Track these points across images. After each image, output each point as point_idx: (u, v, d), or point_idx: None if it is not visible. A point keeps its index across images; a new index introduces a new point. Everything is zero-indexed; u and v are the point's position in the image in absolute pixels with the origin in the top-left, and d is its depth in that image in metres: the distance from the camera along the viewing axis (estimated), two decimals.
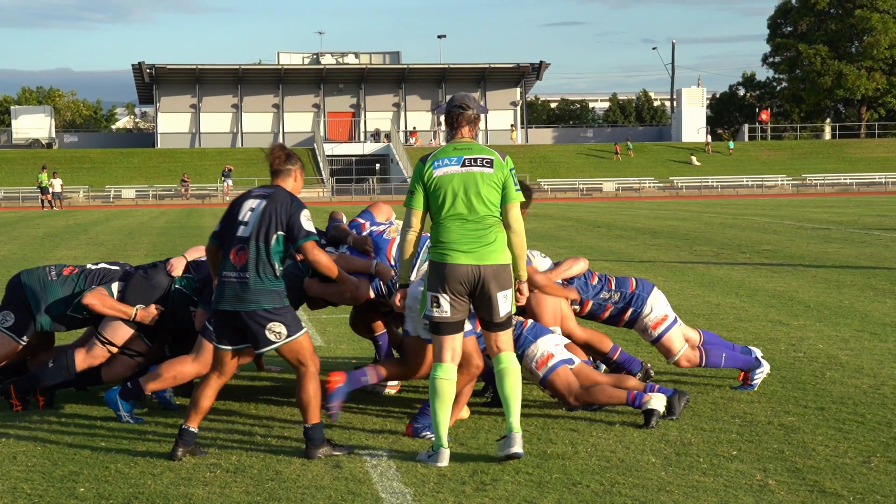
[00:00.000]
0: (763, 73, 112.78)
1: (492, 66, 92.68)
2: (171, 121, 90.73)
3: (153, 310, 8.28)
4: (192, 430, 6.95)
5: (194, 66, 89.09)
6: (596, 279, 8.77)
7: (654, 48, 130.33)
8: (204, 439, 7.36)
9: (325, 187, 76.43)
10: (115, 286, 8.37)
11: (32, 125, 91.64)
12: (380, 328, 9.18)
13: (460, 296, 6.80)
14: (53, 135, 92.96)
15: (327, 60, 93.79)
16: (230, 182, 72.79)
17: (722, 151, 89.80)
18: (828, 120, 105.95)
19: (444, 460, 6.73)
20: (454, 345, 6.91)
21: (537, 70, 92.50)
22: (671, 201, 61.74)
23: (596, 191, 77.17)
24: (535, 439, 7.31)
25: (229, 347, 7.02)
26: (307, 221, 6.95)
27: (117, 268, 8.59)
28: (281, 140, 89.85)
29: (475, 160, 6.84)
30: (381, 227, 8.57)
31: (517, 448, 6.67)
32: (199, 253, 8.59)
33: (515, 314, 7.48)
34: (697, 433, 7.42)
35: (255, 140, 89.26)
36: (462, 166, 6.83)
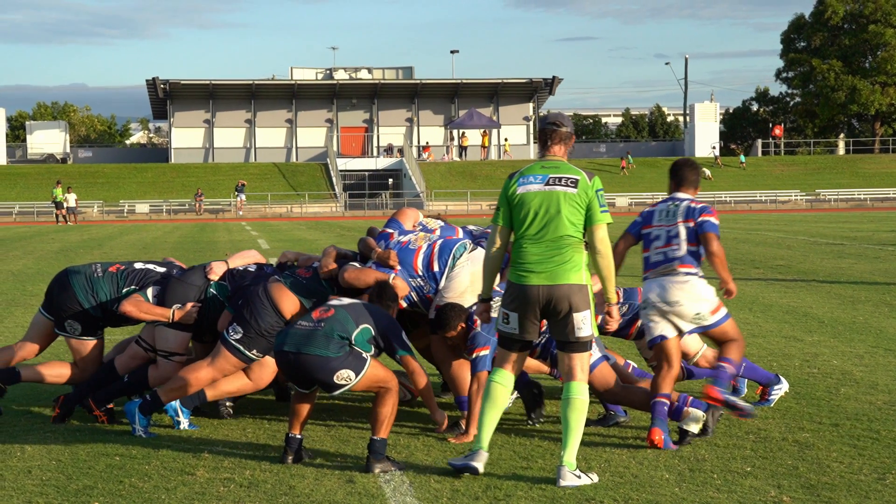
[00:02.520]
0: (776, 89, 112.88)
1: (505, 81, 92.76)
2: (185, 136, 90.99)
3: (190, 307, 8.30)
4: (297, 436, 7.15)
5: (208, 82, 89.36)
6: None
7: (666, 63, 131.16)
8: (217, 454, 7.38)
9: (338, 202, 76.51)
10: (150, 291, 8.42)
11: (47, 140, 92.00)
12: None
13: (531, 317, 6.73)
14: (68, 150, 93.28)
15: (340, 76, 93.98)
16: (243, 197, 72.91)
17: (733, 165, 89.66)
18: (841, 135, 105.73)
19: (480, 463, 6.69)
20: (516, 360, 6.88)
21: (550, 85, 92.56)
22: None
23: (609, 205, 77.11)
24: (549, 454, 7.31)
25: (307, 391, 7.23)
26: (404, 337, 7.39)
27: (162, 269, 8.66)
28: (294, 155, 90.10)
29: (559, 179, 6.75)
30: (407, 238, 8.45)
31: (564, 482, 6.51)
32: (243, 260, 8.63)
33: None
34: (711, 449, 7.40)
35: (269, 155, 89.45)
36: (546, 185, 6.75)
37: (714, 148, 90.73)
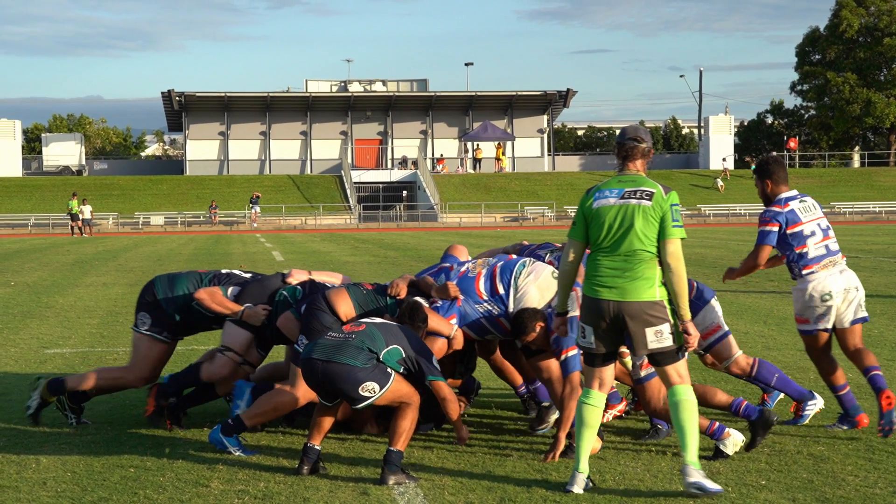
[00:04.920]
0: (791, 101, 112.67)
1: (519, 93, 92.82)
2: (200, 148, 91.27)
3: (260, 309, 8.34)
4: (316, 447, 7.19)
5: (223, 94, 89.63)
6: None
7: (681, 76, 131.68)
8: (231, 466, 7.39)
9: (353, 214, 76.60)
10: (230, 290, 8.55)
11: (63, 152, 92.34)
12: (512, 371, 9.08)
13: (607, 330, 6.71)
14: (83, 162, 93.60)
15: (355, 88, 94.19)
16: (258, 209, 73.05)
17: (746, 176, 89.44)
18: (856, 148, 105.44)
19: (579, 486, 6.65)
20: (602, 375, 6.84)
21: (564, 97, 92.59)
22: (699, 229, 61.58)
23: None
24: (563, 466, 7.30)
25: (330, 404, 7.23)
26: (435, 362, 7.41)
27: (248, 275, 8.81)
28: (309, 167, 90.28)
29: (635, 192, 6.72)
30: (465, 267, 8.40)
31: (694, 478, 6.47)
32: (327, 277, 8.69)
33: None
34: (726, 462, 7.38)
35: (283, 167, 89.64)
36: (621, 199, 6.72)
37: (724, 160, 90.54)
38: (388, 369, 7.17)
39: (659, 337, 6.65)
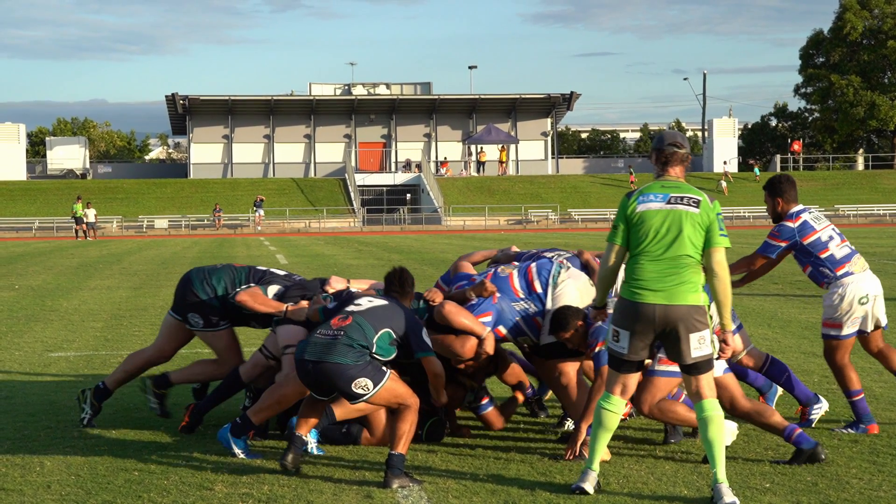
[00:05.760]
0: (795, 104, 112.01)
1: (523, 96, 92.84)
2: (204, 151, 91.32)
3: (304, 304, 8.34)
4: (303, 437, 7.26)
5: (227, 97, 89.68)
6: None
7: (685, 79, 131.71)
8: (235, 469, 7.39)
9: (356, 217, 76.63)
10: (271, 289, 8.59)
11: (67, 156, 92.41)
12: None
13: (644, 336, 6.64)
14: (87, 165, 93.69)
15: (359, 91, 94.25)
16: (262, 212, 73.12)
17: (748, 179, 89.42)
18: (860, 150, 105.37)
19: (590, 483, 6.62)
20: (627, 381, 6.78)
21: (568, 100, 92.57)
22: None
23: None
24: (567, 470, 7.30)
25: (326, 398, 7.29)
26: (426, 338, 7.40)
27: (283, 273, 8.86)
28: (312, 170, 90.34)
29: (681, 198, 6.68)
30: (491, 270, 8.33)
31: (728, 499, 6.38)
32: (365, 285, 8.67)
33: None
34: (730, 465, 7.36)
35: (287, 170, 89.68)
36: (667, 203, 6.68)
37: (726, 164, 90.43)
38: (383, 367, 7.19)
39: (701, 343, 6.61)
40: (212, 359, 9.03)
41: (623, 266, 6.91)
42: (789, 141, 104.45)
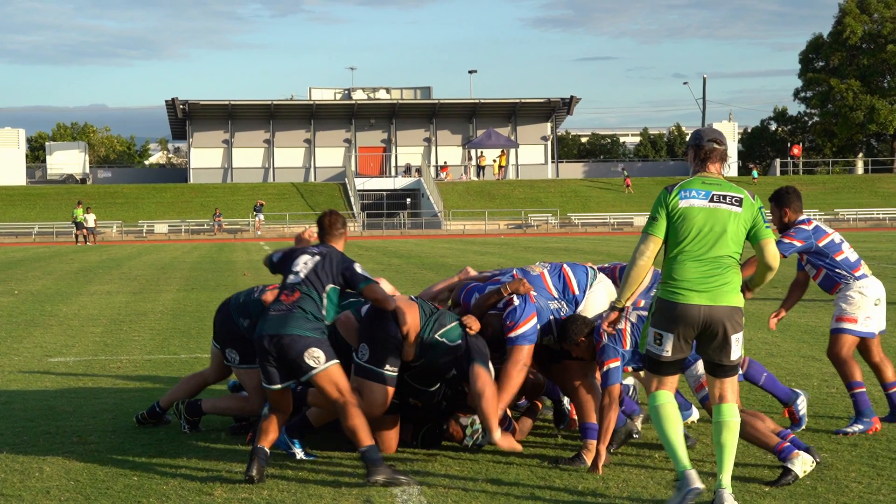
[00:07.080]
0: (795, 108, 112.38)
1: (523, 100, 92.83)
2: (204, 156, 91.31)
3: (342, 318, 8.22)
4: (266, 449, 7.25)
5: (227, 102, 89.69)
6: None
7: (685, 83, 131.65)
8: (234, 474, 7.39)
9: (356, 222, 76.62)
10: None
11: (67, 161, 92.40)
12: None
13: (686, 337, 6.53)
14: (87, 170, 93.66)
15: (359, 96, 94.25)
16: (262, 217, 73.10)
17: (746, 182, 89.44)
18: (860, 154, 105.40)
19: (696, 482, 6.33)
20: (665, 379, 6.63)
21: (568, 105, 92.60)
22: None
23: (627, 225, 76.98)
24: (567, 475, 7.30)
25: (279, 386, 7.30)
26: (362, 270, 7.47)
27: None
28: (312, 175, 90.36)
29: (724, 197, 6.57)
30: (515, 271, 8.18)
31: None
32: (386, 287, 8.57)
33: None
34: None
35: (287, 175, 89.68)
36: (710, 201, 6.56)
37: (729, 168, 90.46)
38: (333, 354, 7.23)
39: (738, 345, 6.55)
40: (243, 395, 8.78)
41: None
42: (789, 145, 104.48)
